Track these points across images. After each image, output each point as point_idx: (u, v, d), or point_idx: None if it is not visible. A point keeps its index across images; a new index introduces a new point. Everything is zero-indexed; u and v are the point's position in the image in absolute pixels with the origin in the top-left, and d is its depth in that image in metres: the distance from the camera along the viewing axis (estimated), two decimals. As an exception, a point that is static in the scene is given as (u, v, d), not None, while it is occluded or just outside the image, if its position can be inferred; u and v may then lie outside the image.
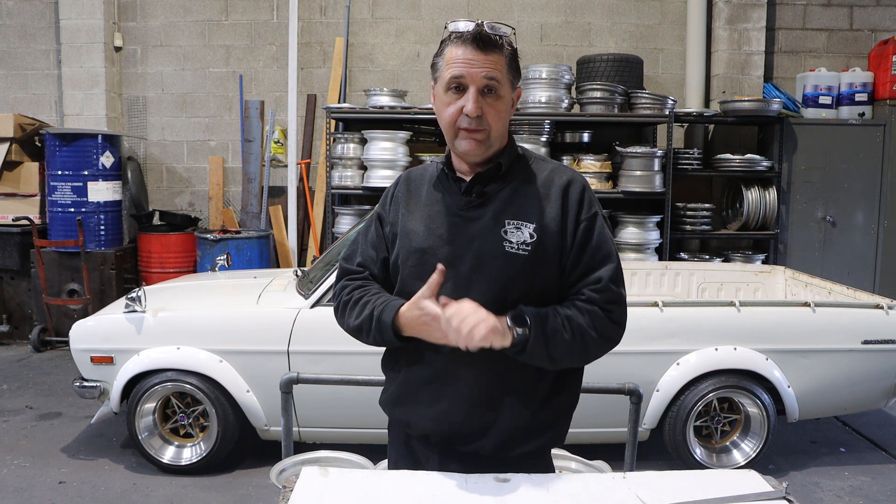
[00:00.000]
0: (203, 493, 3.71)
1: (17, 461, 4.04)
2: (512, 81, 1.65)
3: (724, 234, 6.55)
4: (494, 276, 1.61)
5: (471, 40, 1.61)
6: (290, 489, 1.56)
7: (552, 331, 1.56)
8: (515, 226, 1.62)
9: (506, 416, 1.66)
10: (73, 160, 6.20)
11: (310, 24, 7.00)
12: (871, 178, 6.61)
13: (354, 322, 1.72)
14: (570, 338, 1.57)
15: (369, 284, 1.76)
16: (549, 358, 1.58)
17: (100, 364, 3.86)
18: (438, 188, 1.73)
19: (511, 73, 1.65)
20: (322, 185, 6.77)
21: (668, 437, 3.91)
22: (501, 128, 1.65)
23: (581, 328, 1.58)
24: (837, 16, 7.05)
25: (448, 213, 1.68)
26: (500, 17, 6.96)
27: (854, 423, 4.77)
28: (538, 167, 1.71)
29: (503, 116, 1.64)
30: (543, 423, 1.69)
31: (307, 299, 3.82)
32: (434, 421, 1.69)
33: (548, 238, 1.62)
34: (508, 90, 1.64)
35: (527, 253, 1.61)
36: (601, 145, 6.45)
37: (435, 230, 1.67)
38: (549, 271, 1.63)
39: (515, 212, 1.64)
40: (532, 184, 1.67)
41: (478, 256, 1.62)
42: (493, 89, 1.61)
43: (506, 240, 1.61)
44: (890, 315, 3.95)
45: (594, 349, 1.62)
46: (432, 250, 1.66)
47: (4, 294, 6.59)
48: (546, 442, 1.73)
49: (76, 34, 6.77)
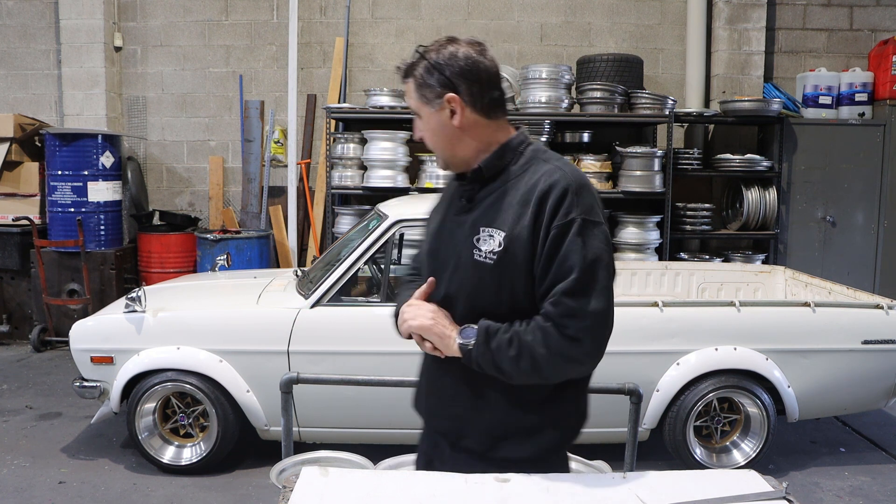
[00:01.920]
0: (203, 493, 3.71)
1: (17, 461, 4.04)
2: (425, 101, 1.66)
3: (724, 234, 6.55)
4: (465, 283, 1.66)
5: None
6: (290, 489, 1.56)
7: (497, 346, 1.57)
8: (489, 233, 1.62)
9: (487, 416, 1.68)
10: (73, 160, 6.20)
11: (310, 24, 7.00)
12: (871, 178, 6.61)
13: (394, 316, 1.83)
14: (514, 354, 1.56)
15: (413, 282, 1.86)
16: (500, 372, 1.60)
17: (100, 364, 3.86)
18: (454, 192, 1.80)
19: (419, 92, 1.67)
20: (322, 185, 6.77)
21: (668, 437, 3.91)
22: (438, 144, 1.70)
23: (529, 345, 1.55)
24: (837, 16, 7.06)
25: (450, 217, 1.75)
26: (500, 16, 6.98)
27: (854, 423, 4.77)
28: (535, 169, 1.64)
29: (436, 133, 1.68)
30: (532, 426, 1.67)
31: (307, 299, 3.81)
32: (427, 414, 1.81)
33: (516, 247, 1.59)
34: (425, 109, 1.67)
35: (492, 262, 1.61)
36: (601, 145, 6.45)
37: (440, 233, 1.76)
38: (519, 282, 1.60)
39: (490, 219, 1.63)
40: (519, 189, 1.63)
41: (455, 263, 1.68)
42: (418, 113, 1.70)
43: (476, 247, 1.63)
44: (890, 315, 3.94)
45: (548, 367, 1.57)
46: (435, 253, 1.76)
47: (4, 294, 6.59)
48: (542, 449, 1.69)
49: (76, 34, 6.77)
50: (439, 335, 1.64)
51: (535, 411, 1.67)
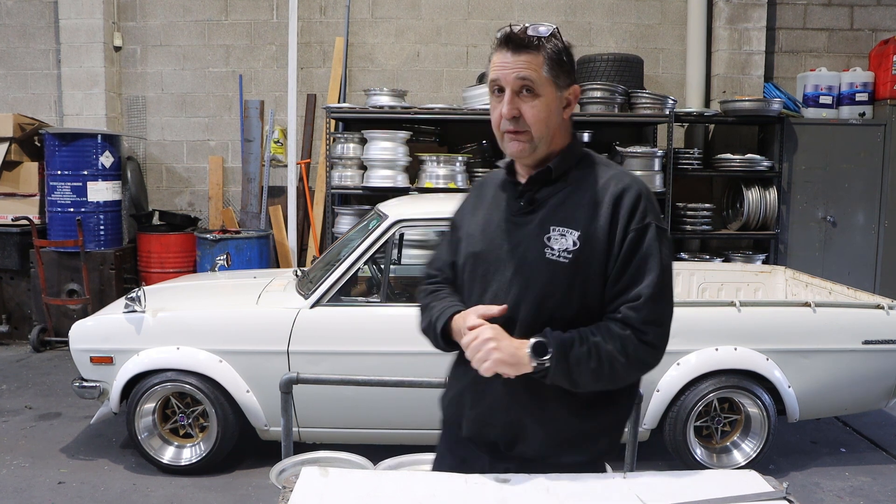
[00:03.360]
0: (203, 494, 3.70)
1: (17, 461, 4.03)
2: (554, 80, 1.60)
3: (725, 234, 6.55)
4: (533, 283, 1.59)
5: (504, 43, 1.60)
6: (290, 489, 1.56)
7: (575, 360, 1.53)
8: (560, 233, 1.59)
9: (545, 423, 1.64)
10: (73, 160, 6.20)
11: (310, 24, 6.99)
12: (871, 178, 6.61)
13: (422, 326, 1.78)
14: (595, 366, 1.53)
15: (441, 289, 1.79)
16: (573, 384, 1.56)
17: (99, 364, 3.86)
18: (500, 192, 1.74)
19: (553, 71, 1.59)
20: (322, 185, 6.76)
21: (668, 438, 3.90)
22: (544, 128, 1.61)
23: (609, 355, 1.53)
24: (838, 15, 7.05)
25: (503, 218, 1.69)
26: (500, 16, 6.97)
27: (854, 424, 4.76)
28: (599, 172, 1.65)
29: (543, 116, 1.60)
30: (589, 432, 1.67)
31: (307, 299, 3.81)
32: (475, 423, 1.70)
33: (592, 247, 1.57)
34: (550, 89, 1.60)
35: (567, 261, 1.57)
36: (601, 145, 6.44)
37: (489, 234, 1.69)
38: (592, 282, 1.58)
39: (562, 218, 1.60)
40: (587, 190, 1.62)
41: (519, 263, 1.61)
42: (529, 89, 1.58)
43: (548, 246, 1.58)
44: (890, 315, 3.94)
45: (623, 374, 1.58)
46: (484, 254, 1.68)
47: (4, 294, 6.59)
48: (596, 453, 1.70)
49: (76, 34, 6.76)
50: (513, 364, 1.53)
51: (594, 417, 1.66)
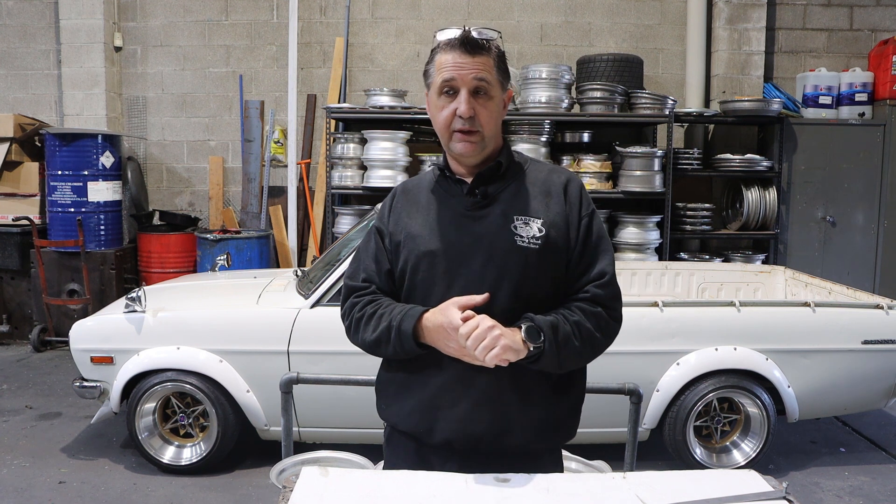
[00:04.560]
0: (203, 493, 3.71)
1: (17, 461, 4.04)
2: (501, 82, 1.70)
3: (724, 234, 6.55)
4: (508, 270, 1.65)
5: (459, 45, 1.65)
6: (290, 489, 1.56)
7: (564, 340, 1.61)
8: (524, 221, 1.68)
9: (529, 411, 1.69)
10: (73, 160, 6.20)
11: (310, 24, 7.00)
12: (871, 178, 6.61)
13: (371, 336, 1.70)
14: (579, 345, 1.63)
15: (379, 298, 1.75)
16: (560, 366, 1.64)
17: (100, 364, 3.86)
18: (438, 192, 1.76)
19: (500, 74, 1.70)
20: (322, 185, 6.76)
21: (668, 437, 3.91)
22: (494, 128, 1.70)
23: (590, 333, 1.64)
24: (837, 16, 7.05)
25: (453, 215, 1.72)
26: (500, 16, 6.97)
27: (854, 423, 4.77)
28: (535, 168, 1.79)
29: (495, 116, 1.70)
30: (559, 418, 1.75)
31: (307, 299, 3.82)
32: (458, 423, 1.67)
33: (555, 233, 1.68)
34: (499, 91, 1.69)
35: (537, 247, 1.66)
36: (601, 145, 6.45)
37: (441, 232, 1.70)
38: (557, 266, 1.69)
39: (521, 209, 1.70)
40: (532, 183, 1.74)
41: (489, 252, 1.66)
42: (484, 90, 1.66)
43: (517, 234, 1.67)
44: (890, 315, 3.94)
45: (598, 350, 1.70)
46: (443, 251, 1.69)
47: (4, 294, 6.59)
48: (561, 438, 1.79)
49: (76, 34, 6.76)
50: (513, 348, 1.55)
51: (566, 400, 1.75)
